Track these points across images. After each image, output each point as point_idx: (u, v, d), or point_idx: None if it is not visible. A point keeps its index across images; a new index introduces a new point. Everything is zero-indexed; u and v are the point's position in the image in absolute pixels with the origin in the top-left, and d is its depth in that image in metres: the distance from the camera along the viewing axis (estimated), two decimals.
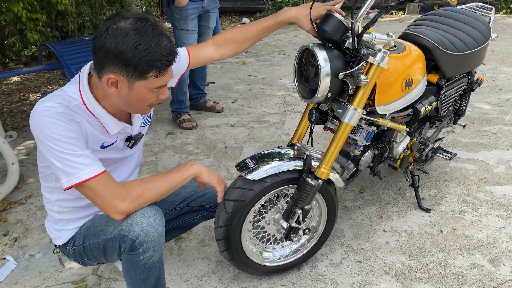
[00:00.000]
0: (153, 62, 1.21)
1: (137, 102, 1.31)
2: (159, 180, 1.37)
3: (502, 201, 2.38)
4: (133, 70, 1.21)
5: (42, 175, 1.45)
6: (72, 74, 3.17)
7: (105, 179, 1.29)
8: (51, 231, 1.55)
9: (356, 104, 1.61)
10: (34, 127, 1.26)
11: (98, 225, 1.43)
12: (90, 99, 1.32)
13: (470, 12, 2.29)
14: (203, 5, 3.39)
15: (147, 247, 1.34)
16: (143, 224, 1.32)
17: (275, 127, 3.43)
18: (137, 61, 1.19)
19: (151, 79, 1.25)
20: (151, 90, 1.28)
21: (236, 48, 1.70)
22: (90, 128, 1.35)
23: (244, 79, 4.65)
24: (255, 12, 8.11)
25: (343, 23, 1.55)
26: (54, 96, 1.31)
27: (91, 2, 5.65)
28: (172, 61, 1.26)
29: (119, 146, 1.48)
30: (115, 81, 1.24)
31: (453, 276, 1.90)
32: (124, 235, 1.33)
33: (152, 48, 1.20)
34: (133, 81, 1.24)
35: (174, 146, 3.21)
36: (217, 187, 1.51)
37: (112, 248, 1.39)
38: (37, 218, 2.43)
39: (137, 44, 1.18)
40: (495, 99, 3.77)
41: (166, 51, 1.23)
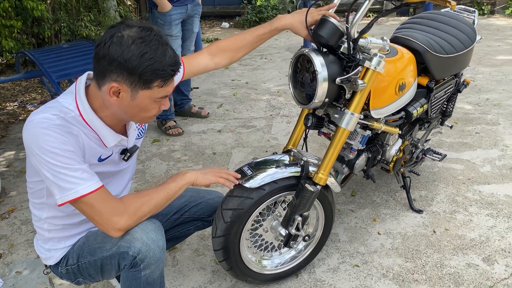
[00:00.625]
0: (158, 72, 1.19)
1: (139, 112, 1.27)
2: (155, 193, 1.34)
3: (491, 200, 2.43)
4: (138, 79, 1.19)
5: (31, 191, 1.39)
6: (54, 82, 3.09)
7: (103, 195, 1.24)
8: (40, 251, 1.48)
9: (353, 109, 1.61)
10: (28, 140, 1.20)
11: (94, 243, 1.37)
12: (88, 110, 1.27)
13: (455, 15, 2.33)
14: (187, 10, 3.35)
15: (148, 263, 1.29)
16: (144, 240, 1.28)
17: (262, 132, 3.41)
18: (143, 70, 1.17)
19: (155, 89, 1.22)
20: (154, 100, 1.25)
21: (231, 57, 1.68)
22: (87, 141, 1.30)
23: (228, 84, 4.62)
24: (234, 16, 8.08)
25: (338, 28, 1.55)
26: (49, 107, 1.26)
27: (68, 8, 5.52)
28: (176, 71, 1.24)
29: (115, 159, 1.43)
30: (117, 90, 1.21)
31: (450, 276, 1.92)
32: (124, 252, 1.29)
33: (158, 57, 1.18)
34: (137, 90, 1.21)
35: (161, 154, 3.15)
36: (219, 181, 1.50)
37: (110, 266, 1.34)
38: (22, 232, 2.35)
39: (143, 53, 1.16)
40: (476, 99, 3.85)
41: (171, 61, 1.21)
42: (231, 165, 2.94)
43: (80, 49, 3.59)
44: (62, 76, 3.16)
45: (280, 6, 7.66)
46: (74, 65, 3.29)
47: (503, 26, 6.79)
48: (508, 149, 2.96)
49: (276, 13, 7.55)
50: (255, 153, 3.09)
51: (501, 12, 7.64)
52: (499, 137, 3.12)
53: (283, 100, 4.06)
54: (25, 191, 2.74)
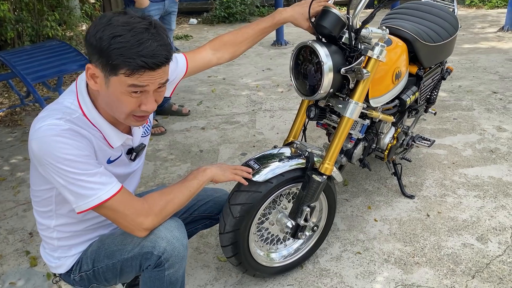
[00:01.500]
0: (125, 58, 1.07)
1: (116, 105, 1.16)
2: (178, 190, 1.32)
3: (476, 182, 2.53)
4: (106, 62, 1.08)
5: (38, 200, 1.32)
6: (29, 85, 2.96)
7: (125, 196, 1.21)
8: (49, 260, 1.41)
9: (357, 98, 1.63)
10: (38, 150, 1.13)
11: (112, 246, 1.33)
12: (90, 107, 1.21)
13: (437, 4, 2.41)
14: (164, 6, 3.30)
15: (173, 262, 1.27)
16: (168, 238, 1.25)
17: (247, 127, 3.40)
18: (110, 52, 1.07)
19: (122, 77, 1.10)
20: (127, 92, 1.12)
21: (234, 51, 1.65)
22: (96, 141, 1.25)
23: (204, 80, 4.58)
24: (201, 12, 8.01)
25: (341, 18, 1.56)
26: (51, 110, 1.19)
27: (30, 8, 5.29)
28: (151, 65, 1.09)
29: (125, 160, 1.38)
30: (93, 73, 1.14)
31: (448, 257, 1.99)
32: (147, 252, 1.26)
33: (130, 44, 1.06)
34: (108, 77, 1.11)
35: (147, 154, 3.07)
36: (236, 178, 1.54)
37: (130, 268, 1.31)
38: (10, 242, 2.24)
39: (115, 35, 1.06)
40: (449, 86, 3.99)
41: (147, 52, 1.08)
42: (220, 161, 2.92)
43: (52, 49, 3.45)
44: (37, 78, 3.04)
45: (249, 1, 7.64)
46: (48, 66, 3.18)
47: (464, 16, 7.07)
48: (486, 132, 3.09)
49: (245, 8, 7.54)
50: (242, 148, 3.08)
51: (461, 3, 7.95)
52: (475, 122, 3.25)
53: (263, 95, 4.06)
54: (6, 199, 2.62)
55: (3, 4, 4.24)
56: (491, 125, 3.20)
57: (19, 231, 2.32)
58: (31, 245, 2.20)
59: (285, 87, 4.25)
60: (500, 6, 7.63)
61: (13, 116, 3.87)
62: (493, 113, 3.40)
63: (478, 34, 5.87)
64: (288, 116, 3.55)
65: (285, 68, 4.85)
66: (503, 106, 3.50)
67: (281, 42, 5.82)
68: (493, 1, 7.73)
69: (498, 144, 2.93)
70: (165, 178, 2.76)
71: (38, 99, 3.07)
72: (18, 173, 2.89)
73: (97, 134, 1.24)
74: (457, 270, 1.91)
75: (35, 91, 3.00)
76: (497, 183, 2.51)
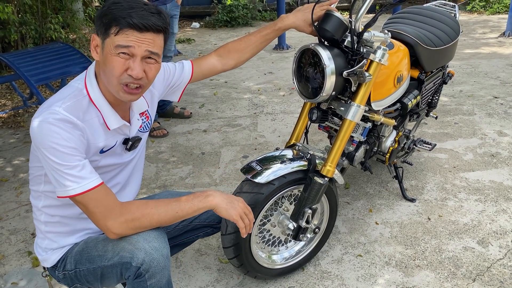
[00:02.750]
0: (115, 17, 1.17)
1: (108, 70, 1.22)
2: (164, 208, 1.27)
3: (477, 186, 2.54)
4: (101, 24, 1.20)
5: (32, 177, 1.37)
6: (33, 86, 2.98)
7: (99, 195, 1.22)
8: (38, 251, 1.44)
9: (359, 101, 1.65)
10: (33, 133, 1.20)
11: (94, 250, 1.33)
12: (94, 87, 1.28)
13: (439, 9, 2.42)
14: (166, 9, 3.33)
15: (153, 272, 1.25)
16: (146, 249, 1.24)
17: (249, 130, 3.42)
18: (105, 13, 1.18)
19: (112, 36, 1.18)
20: (115, 53, 1.19)
21: (238, 58, 1.69)
22: (92, 127, 1.28)
23: (206, 84, 4.60)
24: (204, 16, 8.04)
25: (344, 22, 1.58)
26: (61, 93, 1.27)
27: (34, 11, 5.32)
28: (138, 25, 1.16)
29: (117, 150, 1.40)
30: (96, 44, 1.23)
31: (449, 260, 1.99)
32: (126, 262, 1.25)
33: (123, 7, 1.18)
34: (103, 40, 1.21)
35: (148, 156, 3.10)
36: (238, 223, 1.34)
37: (111, 275, 1.31)
38: (12, 243, 2.25)
39: (115, 2, 1.19)
40: (450, 91, 4.01)
41: (136, 15, 1.16)
42: (221, 164, 2.93)
43: (56, 51, 3.48)
44: (41, 80, 3.06)
45: (251, 6, 7.67)
46: (53, 68, 3.20)
47: (465, 21, 7.09)
48: (487, 137, 3.10)
49: (247, 12, 7.58)
50: (244, 151, 3.09)
51: (463, 8, 7.98)
52: (476, 127, 3.26)
53: (265, 98, 4.08)
54: (8, 200, 2.63)
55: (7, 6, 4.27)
56: (492, 129, 3.21)
57: (21, 232, 2.33)
58: (33, 246, 2.21)
59: (286, 90, 4.27)
60: (501, 12, 7.66)
61: (16, 117, 3.88)
62: (494, 117, 3.41)
63: (479, 40, 5.89)
64: (289, 119, 3.56)
65: (287, 72, 4.87)
66: (504, 111, 3.51)
67: (283, 46, 5.85)
68: (494, 7, 7.76)
69: (499, 148, 2.94)
70: (167, 180, 2.77)
71: (42, 100, 3.09)
72: (21, 174, 2.91)
73: (95, 114, 1.29)
74: (458, 274, 1.91)
75: (38, 92, 3.02)
76: (498, 187, 2.51)
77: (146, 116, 1.48)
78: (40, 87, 4.29)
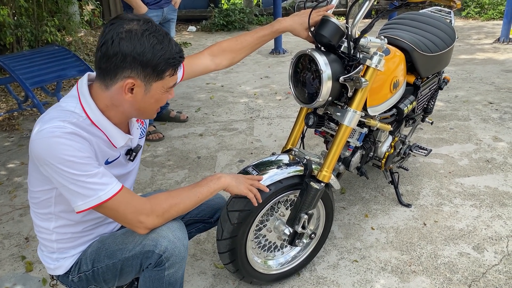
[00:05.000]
0: (170, 60, 1.20)
1: (151, 105, 1.26)
2: (186, 195, 1.33)
3: (473, 191, 2.54)
4: (152, 71, 1.19)
5: (36, 201, 1.32)
6: (28, 89, 2.97)
7: (125, 196, 1.22)
8: (48, 262, 1.41)
9: (356, 107, 1.65)
10: (40, 151, 1.15)
11: (113, 245, 1.33)
12: (95, 111, 1.23)
13: (435, 15, 2.43)
14: (163, 13, 3.32)
15: (173, 262, 1.28)
16: (170, 238, 1.27)
17: (245, 134, 3.41)
18: (157, 61, 1.17)
19: (167, 78, 1.23)
20: (166, 90, 1.26)
21: (232, 58, 1.67)
22: (97, 143, 1.26)
23: (203, 87, 4.60)
24: (200, 20, 8.05)
25: (340, 27, 1.58)
26: (55, 112, 1.21)
27: (30, 13, 5.31)
28: (183, 57, 1.25)
29: (122, 161, 1.40)
30: (131, 86, 1.19)
31: (445, 266, 1.99)
32: (149, 251, 1.27)
33: (167, 47, 1.19)
34: (150, 83, 1.21)
35: (144, 160, 3.09)
36: (249, 195, 1.51)
37: (130, 268, 1.31)
38: (5, 247, 2.23)
39: (154, 44, 1.16)
40: (446, 96, 4.03)
41: (178, 48, 1.23)
42: (217, 168, 2.93)
43: (51, 54, 3.46)
44: (36, 83, 3.05)
45: (247, 10, 7.69)
46: (48, 71, 3.19)
47: (460, 27, 7.14)
48: (482, 142, 3.11)
49: (244, 16, 7.59)
50: (240, 155, 3.08)
51: (458, 14, 8.04)
52: (472, 132, 3.28)
53: (262, 103, 4.08)
54: (2, 204, 2.61)
55: (2, 9, 4.25)
56: (487, 135, 3.22)
57: (15, 236, 2.31)
58: (27, 250, 2.19)
59: (283, 95, 4.27)
60: (496, 18, 7.72)
61: (11, 120, 3.86)
62: (489, 123, 3.42)
63: (474, 45, 5.93)
64: (285, 124, 3.56)
65: (283, 76, 4.88)
66: (499, 117, 3.53)
67: (279, 51, 5.86)
68: (489, 13, 7.82)
69: (494, 154, 2.95)
70: (163, 184, 2.76)
71: (37, 104, 3.08)
72: (15, 178, 2.89)
73: (99, 136, 1.26)
74: (453, 279, 1.91)
75: (34, 95, 3.00)
76: (493, 192, 2.52)
77: (141, 121, 1.48)
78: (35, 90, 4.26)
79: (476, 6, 8.03)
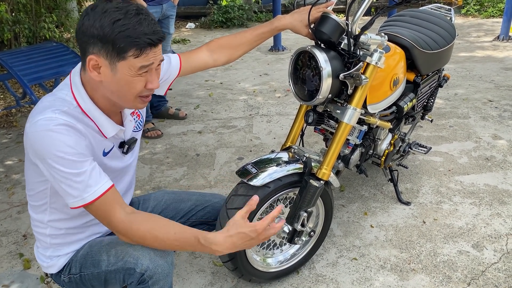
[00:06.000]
0: (131, 39, 1.10)
1: (123, 88, 1.18)
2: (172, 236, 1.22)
3: (472, 189, 2.54)
4: (112, 48, 1.11)
5: (33, 193, 1.32)
6: (26, 86, 2.95)
7: (107, 202, 1.19)
8: (41, 259, 1.41)
9: (355, 104, 1.64)
10: (34, 144, 1.14)
11: (97, 254, 1.32)
12: (85, 98, 1.22)
13: (435, 12, 2.42)
14: (162, 9, 3.30)
15: (157, 279, 1.24)
16: (151, 256, 1.23)
17: (244, 132, 3.40)
18: (115, 36, 1.09)
19: (131, 59, 1.13)
20: (136, 74, 1.16)
21: (230, 54, 1.65)
22: (91, 134, 1.24)
23: (201, 85, 4.58)
24: (199, 17, 8.02)
25: (340, 24, 1.57)
26: (48, 102, 1.20)
27: (28, 9, 5.27)
28: (155, 41, 1.14)
29: (117, 153, 1.38)
30: (96, 64, 1.14)
31: (444, 264, 1.99)
32: (130, 268, 1.24)
33: (131, 25, 1.10)
34: (114, 63, 1.13)
35: (143, 157, 3.07)
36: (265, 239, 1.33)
37: (114, 280, 1.29)
38: (3, 245, 2.22)
39: (115, 20, 1.10)
40: (445, 94, 4.02)
41: (149, 30, 1.12)
42: (216, 165, 2.92)
43: (50, 50, 3.44)
44: (34, 80, 3.03)
45: (246, 7, 7.66)
46: (46, 67, 3.17)
47: (460, 25, 7.12)
48: (481, 140, 3.11)
49: (243, 13, 7.56)
50: (239, 153, 3.07)
51: (457, 12, 8.02)
52: (471, 130, 3.27)
53: (261, 100, 4.06)
54: (0, 201, 2.59)
55: (0, 5, 4.23)
56: (487, 133, 3.22)
57: (13, 233, 2.30)
58: (24, 248, 2.18)
59: (282, 92, 4.26)
60: (496, 15, 7.70)
61: (9, 117, 3.84)
62: (489, 121, 3.42)
63: (474, 43, 5.92)
64: (285, 121, 3.55)
65: (283, 73, 4.86)
66: (499, 115, 3.52)
67: (278, 48, 5.84)
68: (488, 11, 7.80)
69: (493, 152, 2.94)
70: (161, 182, 2.75)
71: (35, 100, 3.06)
72: (13, 175, 2.87)
73: (90, 125, 1.24)
74: (453, 277, 1.91)
75: (32, 92, 2.99)
76: (492, 190, 2.52)
77: (137, 114, 1.46)
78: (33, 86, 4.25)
79: (475, 4, 8.01)
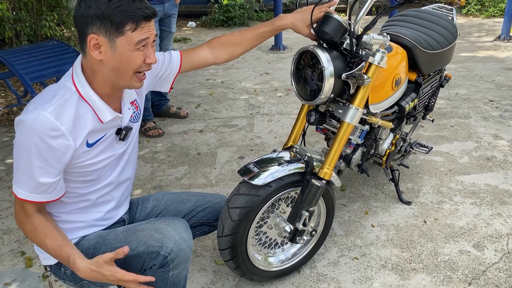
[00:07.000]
0: (127, 13, 1.16)
1: (123, 64, 1.22)
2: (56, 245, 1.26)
3: (473, 189, 2.54)
4: (110, 24, 1.16)
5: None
6: (27, 84, 2.95)
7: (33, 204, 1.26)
8: (39, 249, 1.40)
9: (358, 104, 1.64)
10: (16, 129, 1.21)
11: (114, 242, 1.33)
12: (83, 83, 1.26)
13: (437, 12, 2.42)
14: (164, 8, 3.30)
15: (178, 263, 1.28)
16: (176, 239, 1.27)
17: (245, 131, 3.40)
18: (111, 12, 1.15)
19: (129, 33, 1.19)
20: (135, 49, 1.21)
21: (231, 52, 1.66)
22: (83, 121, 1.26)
23: (202, 84, 4.58)
24: (200, 16, 8.01)
25: (343, 24, 1.57)
26: (49, 92, 1.24)
27: (29, 8, 5.27)
28: (149, 14, 1.20)
29: (109, 141, 1.36)
30: (96, 43, 1.19)
31: (445, 264, 1.99)
32: (153, 251, 1.26)
33: (126, 1, 1.17)
34: (114, 40, 1.18)
35: (144, 156, 3.08)
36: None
37: (131, 266, 1.30)
38: (5, 243, 2.22)
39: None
40: (446, 94, 4.02)
41: (142, 5, 1.19)
42: (217, 164, 2.92)
43: (51, 49, 3.44)
44: (36, 78, 3.02)
45: (247, 5, 7.66)
46: (48, 66, 3.16)
47: (461, 25, 7.12)
48: (482, 140, 3.11)
49: (244, 12, 7.56)
50: (240, 152, 3.08)
51: (458, 11, 8.01)
52: (472, 130, 3.27)
53: (262, 99, 4.07)
54: (1, 199, 2.60)
55: (2, 3, 4.23)
56: (488, 133, 3.22)
57: (15, 231, 2.30)
58: (26, 246, 2.19)
59: (283, 91, 4.26)
60: (497, 15, 7.70)
61: (10, 115, 3.85)
62: (490, 121, 3.42)
63: (475, 43, 5.92)
64: (286, 121, 3.55)
65: (284, 72, 4.86)
66: (500, 115, 3.53)
67: (279, 47, 5.84)
68: (489, 11, 7.80)
69: (494, 152, 2.95)
70: (162, 181, 2.75)
71: None
72: None
73: (86, 110, 1.27)
74: (453, 277, 1.91)
75: (33, 90, 2.99)
76: (493, 190, 2.52)
77: (135, 106, 1.47)
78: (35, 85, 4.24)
79: (476, 4, 8.01)
